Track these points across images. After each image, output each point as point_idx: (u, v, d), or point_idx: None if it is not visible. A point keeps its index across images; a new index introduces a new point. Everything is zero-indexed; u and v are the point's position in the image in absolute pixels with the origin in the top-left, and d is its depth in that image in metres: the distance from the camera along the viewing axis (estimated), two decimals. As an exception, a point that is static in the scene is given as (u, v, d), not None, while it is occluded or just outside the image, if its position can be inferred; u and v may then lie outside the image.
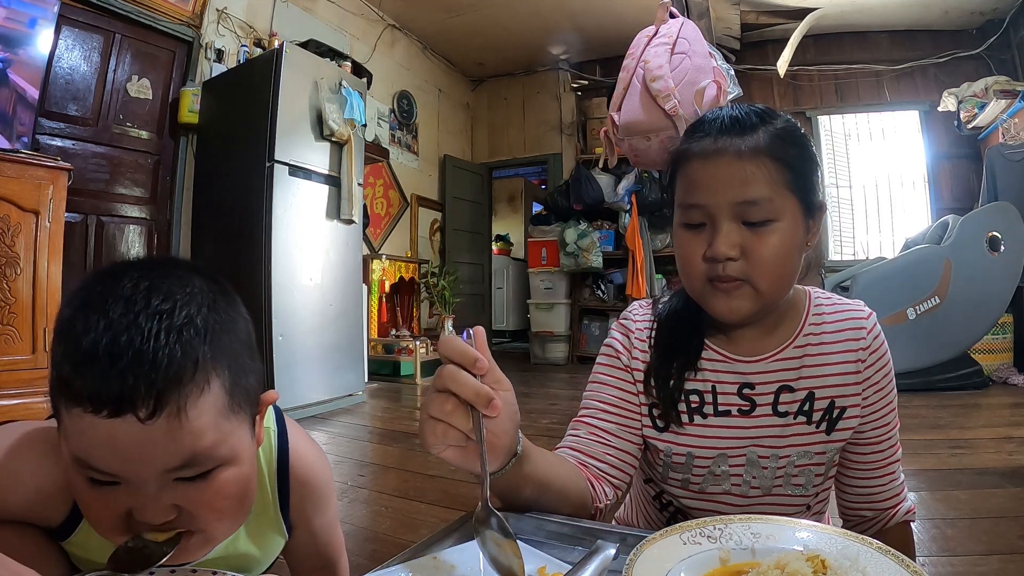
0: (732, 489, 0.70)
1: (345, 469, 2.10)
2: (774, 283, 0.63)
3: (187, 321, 0.42)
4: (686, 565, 0.44)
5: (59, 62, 2.70)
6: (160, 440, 0.41)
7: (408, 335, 4.48)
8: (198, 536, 0.47)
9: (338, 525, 0.75)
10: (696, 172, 0.64)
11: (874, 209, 4.96)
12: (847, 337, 0.69)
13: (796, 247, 0.64)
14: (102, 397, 0.39)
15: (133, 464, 0.41)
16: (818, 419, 0.68)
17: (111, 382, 0.39)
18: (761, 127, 0.63)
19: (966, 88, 4.15)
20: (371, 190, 4.71)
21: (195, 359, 0.42)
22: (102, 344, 0.39)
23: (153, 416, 0.40)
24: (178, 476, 0.43)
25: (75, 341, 0.40)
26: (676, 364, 0.70)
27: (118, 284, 0.42)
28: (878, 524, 0.74)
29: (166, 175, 3.21)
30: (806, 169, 0.65)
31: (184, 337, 0.41)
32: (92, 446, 0.41)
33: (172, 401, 0.41)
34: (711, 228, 0.63)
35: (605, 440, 0.70)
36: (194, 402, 0.42)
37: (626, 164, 3.83)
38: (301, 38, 3.46)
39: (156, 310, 0.41)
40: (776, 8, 4.53)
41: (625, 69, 1.80)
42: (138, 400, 0.39)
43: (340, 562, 0.76)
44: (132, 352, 0.39)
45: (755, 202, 0.61)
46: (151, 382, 0.40)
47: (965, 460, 2.02)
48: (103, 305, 0.41)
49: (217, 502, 0.46)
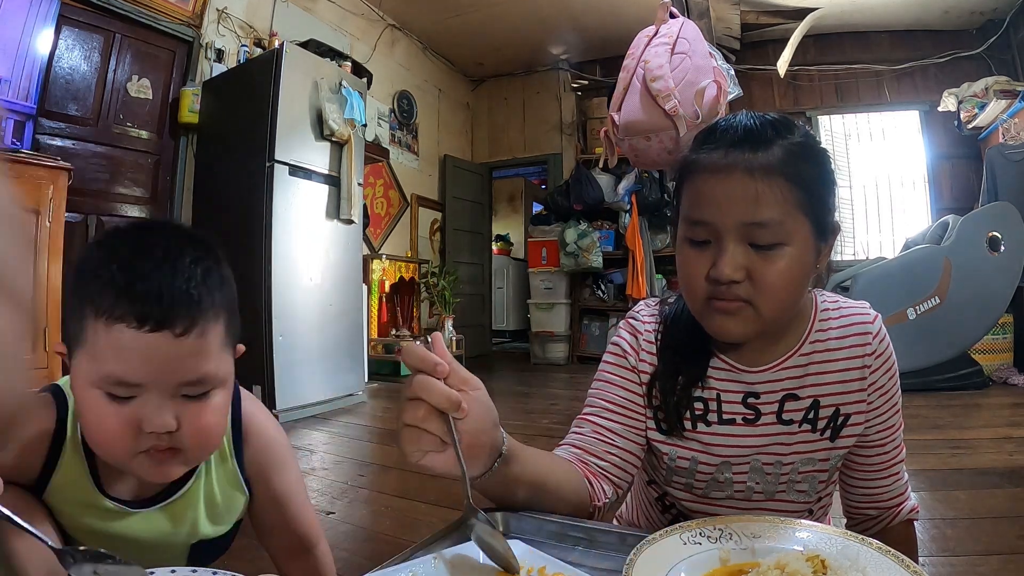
0: (735, 495, 0.70)
1: (345, 469, 2.10)
2: (777, 308, 0.61)
3: (207, 271, 0.55)
4: (686, 565, 0.44)
5: (59, 62, 2.70)
6: (184, 353, 0.52)
7: (408, 335, 4.48)
8: (181, 457, 0.56)
9: (308, 503, 0.76)
10: (704, 186, 0.61)
11: (874, 209, 4.96)
12: (853, 343, 0.68)
13: (804, 273, 0.61)
14: (150, 315, 0.50)
15: (160, 373, 0.52)
16: (823, 427, 0.68)
17: (160, 299, 0.51)
18: (776, 141, 0.59)
19: (966, 88, 4.15)
20: (371, 190, 4.71)
21: (213, 297, 0.55)
22: (152, 277, 0.51)
23: (185, 334, 0.52)
24: (185, 392, 0.54)
25: (128, 273, 0.51)
26: (682, 377, 0.69)
27: (151, 238, 0.55)
28: (882, 523, 0.74)
29: (166, 175, 3.21)
30: (822, 190, 0.62)
31: (207, 281, 0.54)
32: (128, 360, 0.51)
33: (199, 324, 0.53)
34: (716, 247, 0.60)
35: (609, 439, 0.69)
36: (212, 328, 0.54)
37: (626, 164, 3.83)
38: (301, 38, 3.46)
39: (186, 261, 0.54)
40: (776, 8, 4.53)
41: (625, 69, 1.81)
42: (176, 319, 0.51)
43: (319, 547, 0.76)
44: (178, 276, 0.52)
45: (764, 224, 0.58)
46: (188, 304, 0.52)
47: (965, 460, 2.02)
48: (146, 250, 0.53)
49: (206, 421, 0.55)
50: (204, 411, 0.55)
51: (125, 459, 0.54)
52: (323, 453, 2.32)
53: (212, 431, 0.57)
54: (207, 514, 0.66)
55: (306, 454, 2.30)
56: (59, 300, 2.14)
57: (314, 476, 2.01)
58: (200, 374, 0.54)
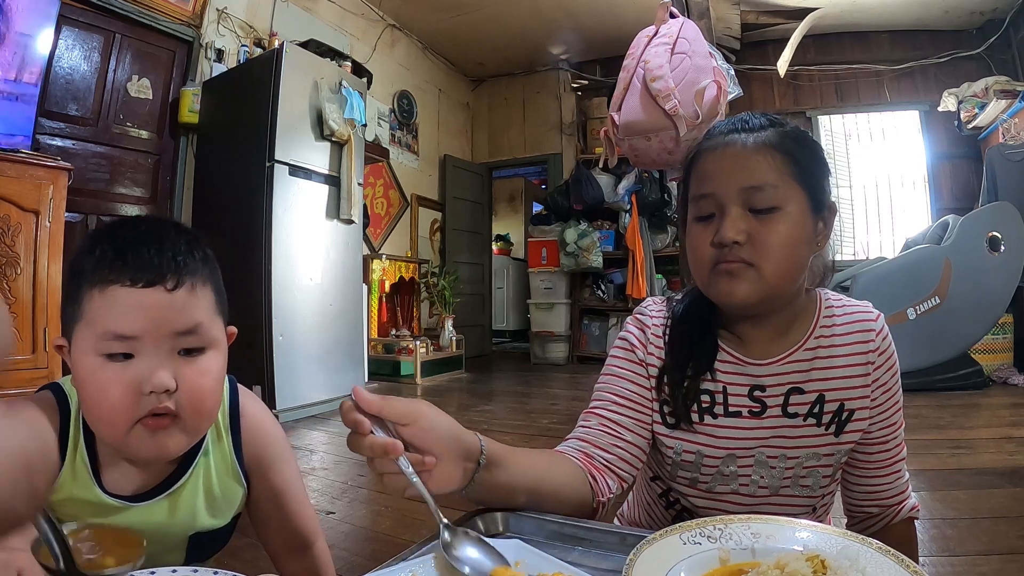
0: (740, 489, 0.70)
1: (345, 469, 2.10)
2: (778, 271, 0.63)
3: (194, 239, 0.60)
4: (686, 565, 0.44)
5: (59, 62, 2.70)
6: (177, 305, 0.55)
7: (408, 335, 4.48)
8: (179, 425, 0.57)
9: (307, 500, 0.77)
10: (706, 164, 0.67)
11: (874, 209, 4.96)
12: (856, 340, 0.70)
13: (803, 239, 0.64)
14: (143, 272, 0.54)
15: (155, 323, 0.54)
16: (827, 421, 0.68)
17: (150, 263, 0.55)
18: (770, 127, 0.66)
19: (966, 88, 4.15)
20: (371, 190, 4.71)
21: (201, 259, 0.59)
22: (143, 240, 0.56)
23: (176, 288, 0.55)
24: (182, 347, 0.56)
25: (118, 242, 0.55)
26: (691, 368, 0.70)
27: (139, 223, 0.59)
28: (884, 520, 0.74)
29: (166, 175, 3.21)
30: (814, 168, 0.66)
31: (194, 247, 0.59)
32: (123, 313, 0.53)
33: (188, 280, 0.56)
34: (719, 217, 0.65)
35: (616, 432, 0.70)
36: (200, 285, 0.58)
37: (626, 164, 3.83)
38: (301, 38, 3.46)
39: (174, 233, 0.59)
40: (776, 8, 4.53)
41: (625, 69, 1.81)
42: (168, 275, 0.55)
43: (317, 545, 0.77)
44: (165, 246, 0.56)
45: (760, 187, 0.63)
46: (176, 266, 0.56)
47: (965, 460, 2.02)
48: (135, 225, 0.58)
49: (201, 383, 0.57)
50: (200, 371, 0.57)
51: (124, 430, 0.55)
52: (323, 453, 2.32)
53: (208, 393, 0.59)
54: (206, 505, 0.66)
55: (306, 454, 2.29)
56: (59, 300, 2.14)
57: (314, 476, 2.01)
58: (193, 323, 0.56)
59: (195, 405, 0.57)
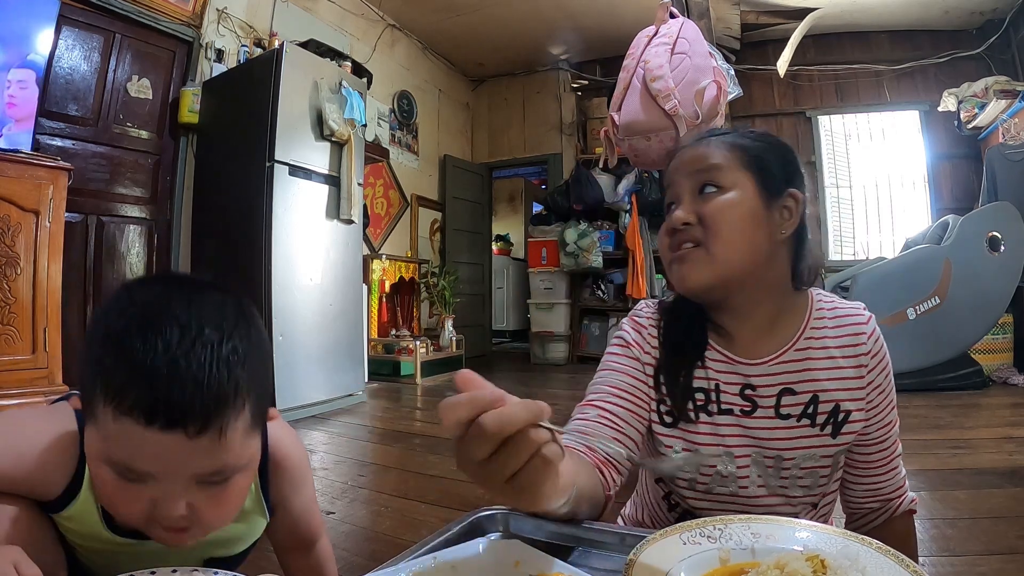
0: (739, 491, 0.71)
1: (345, 469, 2.10)
2: (728, 251, 0.66)
3: (232, 350, 0.48)
4: (686, 565, 0.44)
5: (59, 62, 2.70)
6: (200, 453, 0.47)
7: (408, 335, 4.48)
8: (197, 528, 0.52)
9: (317, 507, 0.77)
10: (671, 166, 0.74)
11: (874, 209, 4.96)
12: (848, 342, 0.70)
13: (753, 221, 0.67)
14: (158, 413, 0.44)
15: (171, 469, 0.47)
16: (822, 422, 0.69)
17: (169, 401, 0.44)
18: (732, 132, 0.72)
19: (966, 88, 4.15)
20: (371, 190, 4.71)
21: (236, 385, 0.48)
22: (163, 365, 0.44)
23: (200, 434, 0.46)
24: (202, 480, 0.49)
25: (135, 357, 0.45)
26: (684, 358, 0.72)
27: (169, 306, 0.48)
28: (884, 515, 0.75)
29: (166, 175, 3.21)
30: (767, 157, 0.69)
31: (229, 365, 0.47)
32: (136, 452, 0.46)
33: (216, 422, 0.47)
34: (676, 206, 0.70)
35: (614, 424, 0.70)
36: (232, 423, 0.48)
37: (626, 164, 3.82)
38: (301, 38, 3.46)
39: (208, 339, 0.47)
40: (776, 8, 4.53)
41: (625, 69, 1.81)
42: (189, 419, 0.45)
43: (320, 542, 0.77)
44: (190, 376, 0.45)
45: (705, 170, 0.68)
46: (203, 404, 0.46)
47: (965, 460, 2.02)
48: (159, 326, 0.46)
49: (226, 503, 0.52)
50: (219, 502, 0.51)
51: (139, 527, 0.52)
52: (323, 453, 2.32)
53: (230, 512, 0.54)
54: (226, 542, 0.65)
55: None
56: (59, 300, 2.14)
57: (314, 476, 2.01)
58: (217, 467, 0.49)
59: (215, 522, 0.53)
